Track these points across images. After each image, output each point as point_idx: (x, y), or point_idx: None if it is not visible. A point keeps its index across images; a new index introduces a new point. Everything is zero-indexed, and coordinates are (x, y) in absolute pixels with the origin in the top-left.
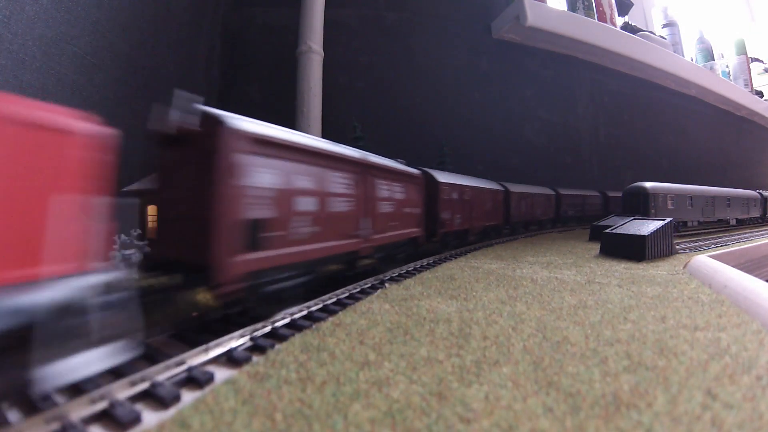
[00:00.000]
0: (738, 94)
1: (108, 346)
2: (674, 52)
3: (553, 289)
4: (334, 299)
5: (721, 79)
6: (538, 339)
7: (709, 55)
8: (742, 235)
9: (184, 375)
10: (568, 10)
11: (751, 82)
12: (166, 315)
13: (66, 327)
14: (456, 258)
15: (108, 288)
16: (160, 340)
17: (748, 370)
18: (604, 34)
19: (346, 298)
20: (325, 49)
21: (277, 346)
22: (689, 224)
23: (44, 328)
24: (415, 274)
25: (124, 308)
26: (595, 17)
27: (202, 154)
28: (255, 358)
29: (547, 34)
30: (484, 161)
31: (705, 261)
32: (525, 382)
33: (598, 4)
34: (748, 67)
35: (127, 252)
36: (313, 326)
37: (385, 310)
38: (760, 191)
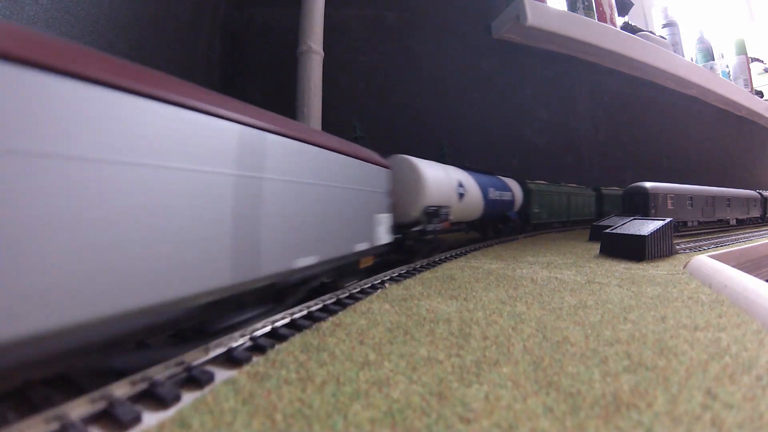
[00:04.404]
0: (738, 94)
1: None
2: (674, 52)
3: (553, 289)
4: (334, 299)
5: (721, 79)
6: (538, 339)
7: (709, 55)
8: (742, 235)
9: (184, 375)
10: (568, 10)
11: (751, 82)
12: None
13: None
14: (456, 258)
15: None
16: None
17: (748, 370)
18: (604, 34)
19: (346, 298)
20: (325, 49)
21: (277, 346)
22: (689, 224)
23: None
24: (415, 274)
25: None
26: (595, 17)
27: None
28: (255, 358)
29: (547, 34)
30: (485, 161)
31: (705, 261)
32: (525, 382)
33: (598, 4)
34: (748, 67)
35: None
36: (313, 326)
37: (385, 310)
38: (760, 191)
